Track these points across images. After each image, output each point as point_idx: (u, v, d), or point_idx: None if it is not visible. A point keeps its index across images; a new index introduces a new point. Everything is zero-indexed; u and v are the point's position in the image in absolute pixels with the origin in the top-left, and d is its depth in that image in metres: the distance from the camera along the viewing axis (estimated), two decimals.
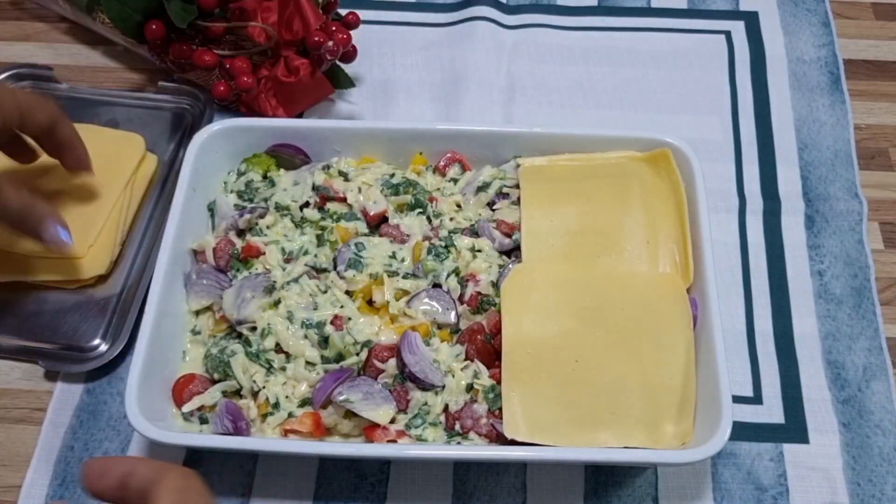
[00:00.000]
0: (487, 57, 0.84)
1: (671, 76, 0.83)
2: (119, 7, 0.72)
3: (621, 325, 0.60)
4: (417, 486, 0.62)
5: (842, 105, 0.81)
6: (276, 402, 0.59)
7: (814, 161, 0.78)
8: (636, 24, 0.87)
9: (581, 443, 0.56)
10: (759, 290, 0.71)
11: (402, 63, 0.84)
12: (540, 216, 0.65)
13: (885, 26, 0.88)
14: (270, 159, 0.69)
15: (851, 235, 0.73)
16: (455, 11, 0.87)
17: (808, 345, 0.68)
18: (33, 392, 0.65)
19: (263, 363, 0.60)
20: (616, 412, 0.57)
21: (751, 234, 0.74)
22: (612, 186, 0.66)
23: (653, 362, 0.59)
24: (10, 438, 0.64)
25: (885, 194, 0.77)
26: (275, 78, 0.75)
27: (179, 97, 0.79)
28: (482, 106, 0.80)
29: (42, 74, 0.80)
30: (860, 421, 0.65)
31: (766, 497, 0.62)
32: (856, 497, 0.61)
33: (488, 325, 0.61)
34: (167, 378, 0.61)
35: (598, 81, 0.83)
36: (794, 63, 0.84)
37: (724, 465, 0.63)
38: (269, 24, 0.74)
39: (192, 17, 0.72)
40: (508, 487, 0.62)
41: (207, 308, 0.64)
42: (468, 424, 0.58)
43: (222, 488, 0.61)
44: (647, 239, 0.64)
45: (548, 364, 0.58)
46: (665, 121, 0.80)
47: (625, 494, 0.61)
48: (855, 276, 0.71)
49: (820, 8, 0.88)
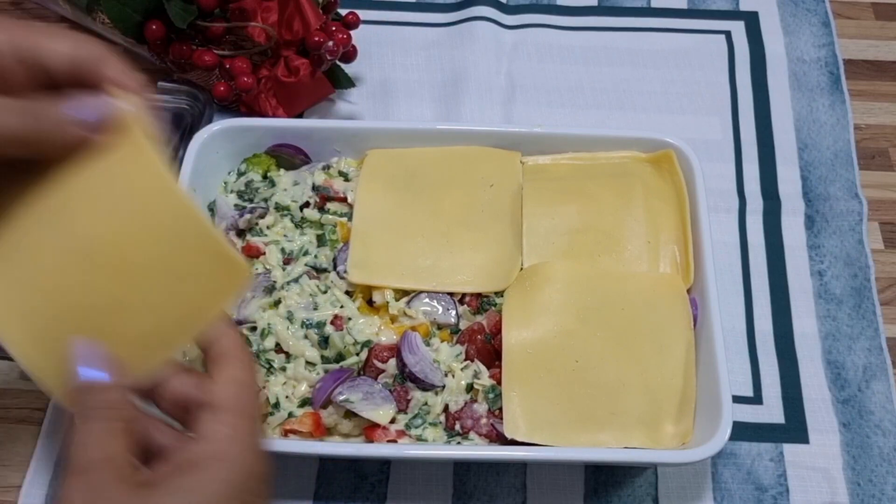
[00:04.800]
0: (487, 57, 0.84)
1: (671, 76, 0.83)
2: (119, 7, 0.72)
3: (622, 325, 0.60)
4: (417, 486, 0.62)
5: (842, 105, 0.81)
6: (276, 402, 0.59)
7: (814, 161, 0.78)
8: (636, 24, 0.87)
9: (581, 443, 0.56)
10: (759, 290, 0.71)
11: (402, 63, 0.84)
12: (541, 214, 0.65)
13: (885, 26, 0.88)
14: (270, 159, 0.69)
15: (851, 235, 0.73)
16: (455, 11, 0.87)
17: (808, 345, 0.68)
18: (33, 392, 0.65)
19: (263, 363, 0.60)
20: (616, 412, 0.57)
21: (751, 234, 0.74)
22: (614, 186, 0.66)
23: (653, 362, 0.59)
24: (10, 438, 0.64)
25: (885, 194, 0.77)
26: (275, 78, 0.75)
27: (179, 97, 0.79)
28: (482, 106, 0.80)
29: None
30: (860, 421, 0.65)
31: (766, 497, 0.62)
32: (856, 497, 0.61)
33: (488, 325, 0.61)
34: None
35: (597, 81, 0.83)
36: (794, 63, 0.84)
37: (724, 465, 0.63)
38: (269, 24, 0.74)
39: (192, 17, 0.72)
40: (508, 487, 0.62)
41: None
42: (468, 424, 0.58)
43: None
44: (648, 239, 0.64)
45: (548, 364, 0.58)
46: (665, 121, 0.80)
47: (625, 494, 0.61)
48: (855, 276, 0.71)
49: (820, 8, 0.88)
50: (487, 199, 0.66)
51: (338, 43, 0.73)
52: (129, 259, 0.42)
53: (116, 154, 0.42)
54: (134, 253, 0.42)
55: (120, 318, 0.42)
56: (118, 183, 0.43)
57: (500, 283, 0.62)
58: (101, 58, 0.42)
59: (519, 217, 0.65)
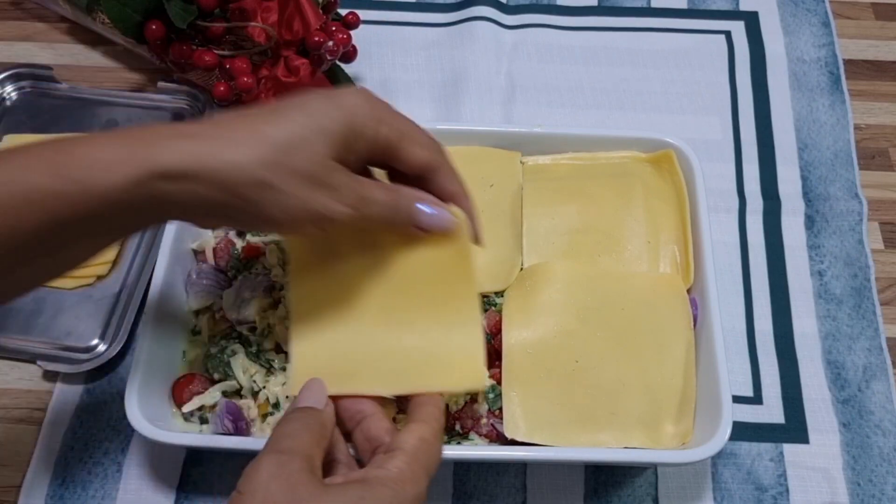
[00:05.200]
0: (487, 57, 0.84)
1: (671, 76, 0.83)
2: (119, 7, 0.72)
3: (622, 325, 0.60)
4: None
5: (842, 105, 0.81)
6: (276, 402, 0.59)
7: (814, 161, 0.78)
8: (636, 24, 0.87)
9: (581, 443, 0.56)
10: (759, 290, 0.71)
11: (402, 63, 0.84)
12: (541, 214, 0.65)
13: (885, 26, 0.88)
14: None
15: (851, 235, 0.73)
16: (455, 11, 0.87)
17: (808, 345, 0.68)
18: (33, 392, 0.65)
19: (263, 363, 0.60)
20: (616, 412, 0.57)
21: (751, 234, 0.74)
22: (614, 186, 0.66)
23: (653, 362, 0.59)
24: (10, 438, 0.64)
25: (885, 194, 0.77)
26: (275, 78, 0.75)
27: (179, 97, 0.79)
28: (482, 106, 0.80)
29: (42, 74, 0.80)
30: (860, 421, 0.65)
31: (766, 497, 0.62)
32: (856, 497, 0.61)
33: (488, 325, 0.61)
34: (167, 378, 0.61)
35: (597, 81, 0.83)
36: (794, 63, 0.84)
37: (724, 465, 0.63)
38: (269, 24, 0.74)
39: (192, 17, 0.72)
40: (508, 487, 0.62)
41: (207, 308, 0.64)
42: (468, 424, 0.58)
43: (222, 488, 0.61)
44: (648, 239, 0.64)
45: (548, 364, 0.58)
46: (665, 121, 0.80)
47: (625, 494, 0.61)
48: (855, 276, 0.71)
49: (820, 8, 0.88)
50: (487, 199, 0.66)
51: (338, 43, 0.73)
52: (410, 316, 0.53)
53: (438, 244, 0.52)
54: (415, 314, 0.53)
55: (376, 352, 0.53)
56: (431, 263, 0.53)
57: (500, 283, 0.62)
58: (440, 167, 0.51)
59: (519, 217, 0.65)
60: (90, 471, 0.62)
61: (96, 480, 0.62)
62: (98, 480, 0.62)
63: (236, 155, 0.42)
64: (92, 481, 0.62)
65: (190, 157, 0.41)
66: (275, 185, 0.43)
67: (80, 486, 0.61)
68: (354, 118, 0.46)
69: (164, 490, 0.61)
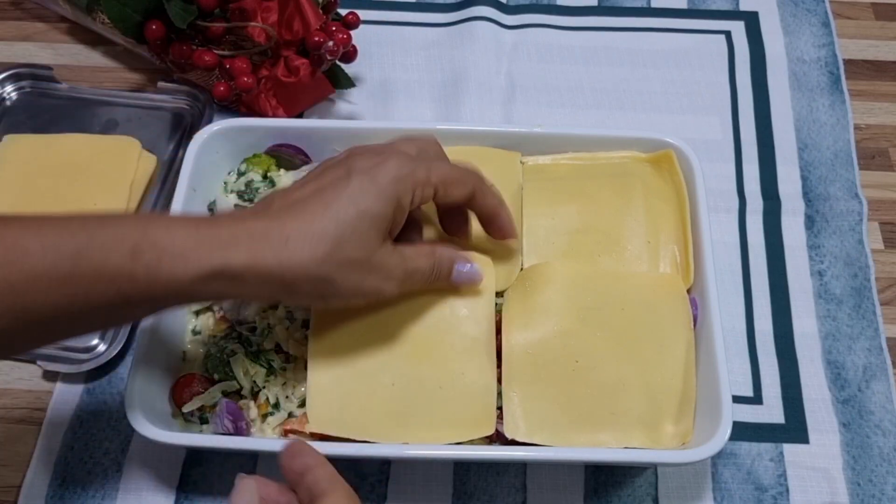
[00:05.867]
0: (487, 57, 0.84)
1: (671, 76, 0.83)
2: (119, 7, 0.72)
3: (622, 325, 0.60)
4: (417, 487, 0.62)
5: (842, 105, 0.81)
6: (276, 402, 0.59)
7: (814, 161, 0.78)
8: (636, 24, 0.87)
9: (581, 443, 0.56)
10: (759, 290, 0.71)
11: (402, 63, 0.84)
12: (541, 214, 0.65)
13: (885, 26, 0.88)
14: (270, 159, 0.69)
15: (851, 235, 0.73)
16: (455, 11, 0.87)
17: (808, 345, 0.68)
18: (33, 392, 0.65)
19: (263, 363, 0.60)
20: (616, 412, 0.57)
21: (751, 234, 0.74)
22: (614, 186, 0.66)
23: (653, 362, 0.59)
24: (10, 438, 0.64)
25: (885, 194, 0.77)
26: (275, 78, 0.75)
27: (179, 97, 0.79)
28: (482, 106, 0.80)
29: (42, 74, 0.80)
30: (860, 421, 0.65)
31: (766, 497, 0.62)
32: (856, 497, 0.61)
33: None
34: (167, 378, 0.61)
35: (597, 81, 0.83)
36: (794, 63, 0.84)
37: (724, 465, 0.63)
38: (269, 24, 0.74)
39: (192, 17, 0.72)
40: (508, 487, 0.62)
41: (207, 308, 0.64)
42: None
43: (222, 488, 0.61)
44: (648, 239, 0.64)
45: (548, 364, 0.58)
46: (665, 121, 0.80)
47: (625, 494, 0.61)
48: (855, 276, 0.71)
49: (820, 8, 0.88)
50: None
51: (338, 43, 0.73)
52: (427, 357, 0.57)
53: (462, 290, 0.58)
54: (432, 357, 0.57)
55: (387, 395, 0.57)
56: (451, 308, 0.58)
57: (500, 283, 0.62)
58: (477, 192, 0.55)
59: (519, 217, 0.65)
60: (90, 471, 0.62)
61: (96, 480, 0.62)
62: (98, 480, 0.62)
63: (294, 255, 0.47)
64: (92, 481, 0.62)
65: (252, 259, 0.46)
66: (329, 277, 0.48)
67: (80, 486, 0.61)
68: (396, 194, 0.50)
69: (164, 490, 0.61)
